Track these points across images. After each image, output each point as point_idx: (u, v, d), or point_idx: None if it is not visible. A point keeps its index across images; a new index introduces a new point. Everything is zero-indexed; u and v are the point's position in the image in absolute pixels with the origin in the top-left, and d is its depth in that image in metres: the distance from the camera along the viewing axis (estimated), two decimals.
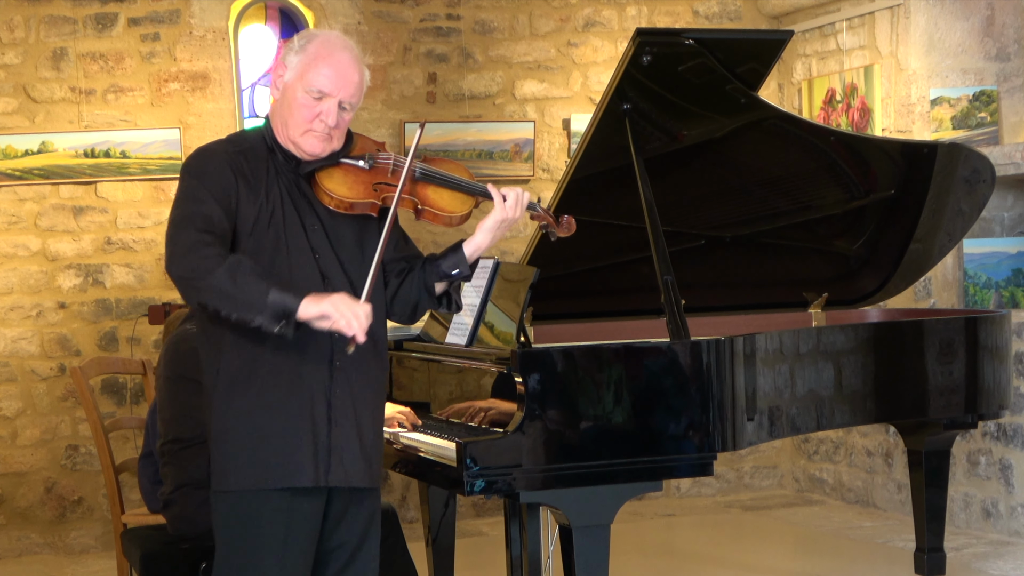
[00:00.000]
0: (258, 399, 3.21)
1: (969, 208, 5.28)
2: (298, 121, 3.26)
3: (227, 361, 3.23)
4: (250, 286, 3.07)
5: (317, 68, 3.25)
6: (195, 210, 3.17)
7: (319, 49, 3.28)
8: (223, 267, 3.07)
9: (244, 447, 3.21)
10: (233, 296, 3.07)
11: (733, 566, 6.17)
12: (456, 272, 3.36)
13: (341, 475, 3.24)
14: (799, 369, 4.34)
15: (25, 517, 6.91)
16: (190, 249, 3.10)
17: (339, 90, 3.26)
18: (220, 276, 3.07)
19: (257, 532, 3.22)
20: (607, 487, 3.74)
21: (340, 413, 3.24)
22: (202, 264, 3.08)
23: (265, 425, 3.20)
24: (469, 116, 7.45)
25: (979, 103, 6.81)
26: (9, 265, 6.90)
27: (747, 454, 7.76)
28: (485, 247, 3.39)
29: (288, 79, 3.29)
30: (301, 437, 3.21)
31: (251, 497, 3.21)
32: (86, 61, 6.93)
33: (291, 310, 3.07)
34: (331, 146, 3.30)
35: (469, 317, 4.05)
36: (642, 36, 4.16)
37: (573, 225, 3.56)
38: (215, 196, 3.19)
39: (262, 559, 3.22)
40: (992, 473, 6.44)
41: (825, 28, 7.48)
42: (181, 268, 3.12)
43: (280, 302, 3.07)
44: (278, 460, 3.20)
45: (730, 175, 4.95)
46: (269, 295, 3.06)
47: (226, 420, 3.23)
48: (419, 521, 6.60)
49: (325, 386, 3.23)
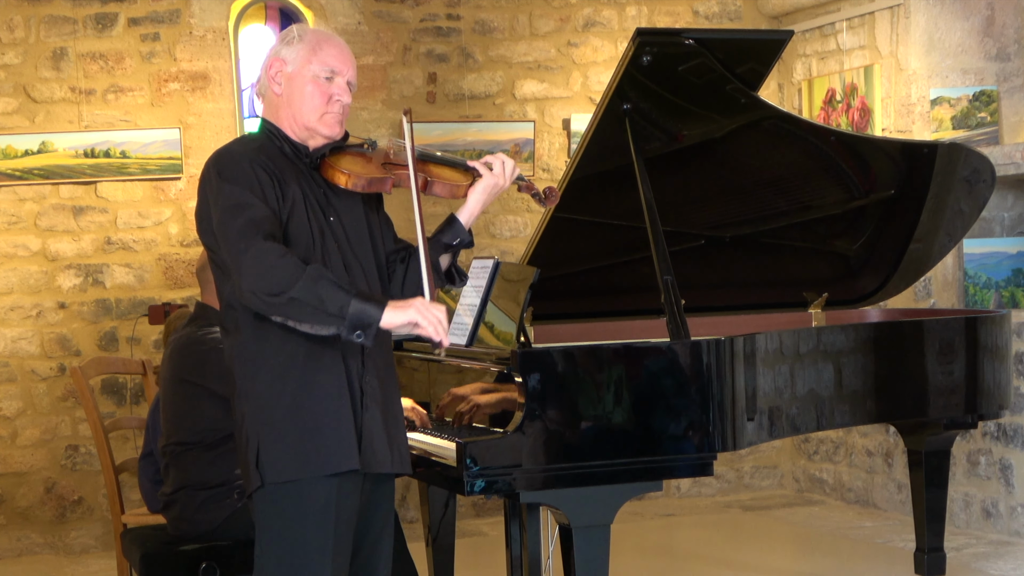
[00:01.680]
0: (302, 387, 3.21)
1: (969, 208, 5.28)
2: (314, 106, 3.29)
3: (272, 354, 3.22)
4: (333, 298, 3.06)
5: (324, 49, 3.30)
6: (250, 217, 3.12)
7: (317, 36, 3.34)
8: (303, 280, 3.05)
9: (294, 437, 3.20)
10: (316, 309, 3.06)
11: (733, 566, 6.17)
12: (458, 241, 3.41)
13: (372, 461, 3.26)
14: (799, 369, 4.34)
15: (25, 517, 6.91)
16: (264, 263, 3.06)
17: (347, 68, 3.33)
18: (302, 290, 3.04)
19: (306, 522, 3.22)
20: (607, 487, 3.74)
21: (370, 399, 3.27)
22: (283, 278, 3.05)
23: (312, 414, 3.21)
24: (469, 116, 7.45)
25: (979, 103, 6.81)
26: (9, 265, 6.90)
27: (747, 454, 7.76)
28: (478, 212, 3.42)
29: (292, 70, 3.30)
30: (344, 423, 3.22)
31: (302, 486, 3.21)
32: (86, 61, 6.93)
33: (374, 320, 3.07)
34: (342, 130, 3.35)
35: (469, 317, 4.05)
36: (642, 36, 4.17)
37: (557, 195, 3.62)
38: (258, 196, 3.17)
39: (311, 549, 3.22)
40: (992, 473, 6.44)
41: (825, 28, 7.48)
42: (261, 285, 3.06)
43: (361, 313, 3.07)
44: (327, 447, 3.21)
45: (730, 175, 4.95)
46: (351, 306, 3.06)
47: (273, 412, 3.22)
48: (419, 521, 6.61)
49: (358, 373, 3.26)
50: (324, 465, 3.20)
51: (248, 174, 3.20)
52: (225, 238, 3.14)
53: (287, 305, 3.07)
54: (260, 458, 3.22)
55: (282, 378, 3.22)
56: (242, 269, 3.08)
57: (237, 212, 3.13)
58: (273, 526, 3.25)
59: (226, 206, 3.16)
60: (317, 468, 3.20)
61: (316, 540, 3.23)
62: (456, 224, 3.40)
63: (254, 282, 3.07)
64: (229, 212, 3.15)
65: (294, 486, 3.22)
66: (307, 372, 3.22)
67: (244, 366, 3.26)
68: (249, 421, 3.25)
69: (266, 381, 3.23)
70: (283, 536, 3.24)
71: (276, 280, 3.06)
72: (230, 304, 3.27)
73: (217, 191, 3.20)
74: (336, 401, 3.22)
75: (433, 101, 7.41)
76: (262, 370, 3.23)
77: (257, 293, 3.07)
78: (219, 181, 3.21)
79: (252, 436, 3.24)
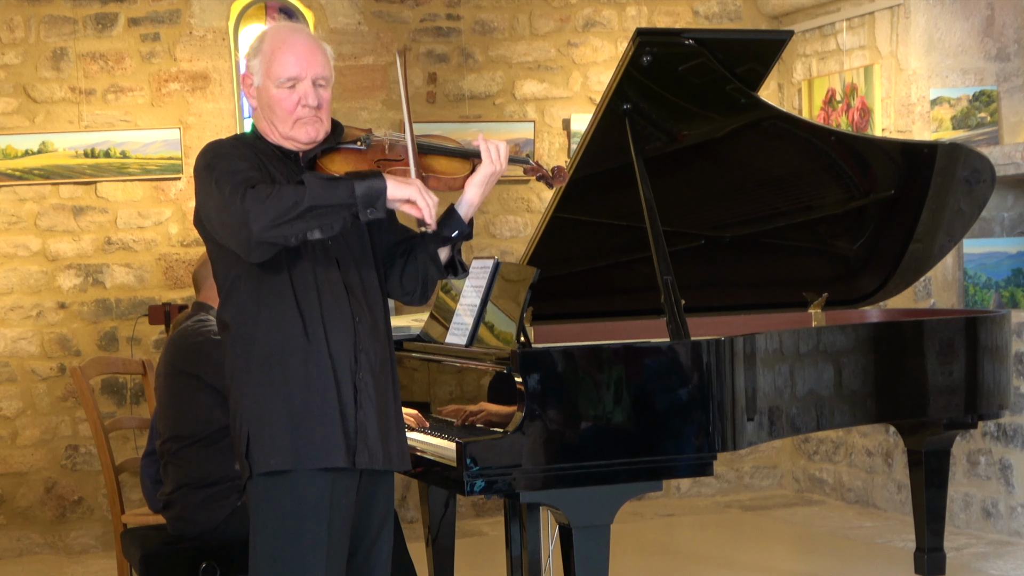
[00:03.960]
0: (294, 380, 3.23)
1: (969, 208, 5.28)
2: (283, 115, 3.29)
3: (261, 343, 3.24)
4: (338, 190, 3.11)
5: (278, 59, 3.28)
6: (242, 178, 3.15)
7: (272, 43, 3.31)
8: (307, 190, 3.08)
9: (284, 429, 3.22)
10: (331, 206, 3.09)
11: (733, 566, 6.17)
12: (456, 233, 3.39)
13: (366, 457, 3.27)
14: (799, 369, 4.34)
15: (25, 517, 6.91)
16: (265, 197, 3.08)
17: (306, 70, 3.28)
18: (312, 197, 3.07)
19: (301, 516, 3.23)
20: (607, 487, 3.74)
21: (364, 396, 3.27)
22: (289, 198, 3.08)
23: (304, 407, 3.22)
24: (469, 116, 7.45)
25: (979, 103, 6.81)
26: (9, 265, 6.90)
27: (747, 454, 7.76)
28: (477, 203, 3.40)
29: (258, 83, 3.32)
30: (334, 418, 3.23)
31: (295, 480, 3.22)
32: (86, 61, 6.93)
33: (382, 191, 3.13)
34: (324, 128, 3.33)
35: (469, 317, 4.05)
36: (642, 36, 4.17)
37: (566, 174, 3.57)
38: (247, 163, 3.20)
39: (306, 544, 3.23)
40: (992, 473, 6.44)
41: (825, 28, 7.48)
42: (273, 215, 3.07)
43: (369, 189, 3.12)
44: (316, 441, 3.22)
45: (730, 175, 4.95)
46: (356, 188, 3.11)
47: (262, 402, 3.23)
48: (419, 521, 6.61)
49: (352, 370, 3.26)
50: (312, 459, 3.21)
51: (233, 152, 3.25)
52: (223, 203, 3.15)
53: (304, 217, 3.08)
54: (250, 447, 3.24)
55: (274, 370, 3.23)
56: (249, 213, 3.08)
57: (229, 176, 3.17)
58: (267, 519, 3.26)
59: (217, 176, 3.18)
60: (306, 461, 3.21)
61: (311, 535, 3.23)
62: (455, 216, 3.39)
63: (267, 215, 3.08)
64: (221, 179, 3.17)
65: (285, 480, 3.22)
66: (300, 366, 3.23)
67: (238, 358, 3.28)
68: (242, 411, 3.27)
69: (258, 372, 3.24)
70: (277, 530, 3.25)
71: (286, 202, 3.08)
72: (227, 295, 3.29)
73: (207, 169, 3.23)
74: (326, 396, 3.23)
75: (433, 101, 7.41)
76: (255, 361, 3.25)
77: (274, 223, 3.08)
78: (207, 161, 3.25)
79: (243, 426, 3.26)
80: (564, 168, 3.57)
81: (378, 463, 3.30)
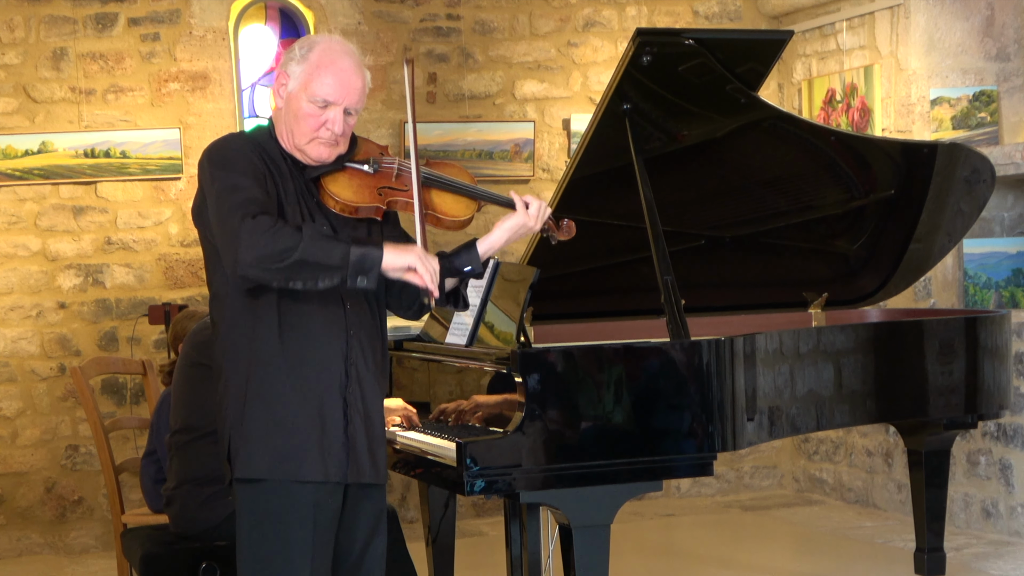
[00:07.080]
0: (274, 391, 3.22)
1: (969, 208, 5.28)
2: (304, 130, 3.27)
3: (244, 350, 3.23)
4: (333, 250, 3.09)
5: (320, 77, 3.26)
6: (244, 196, 3.13)
7: (321, 58, 3.28)
8: (304, 241, 3.07)
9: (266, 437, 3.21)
10: (320, 264, 3.08)
11: (733, 566, 6.17)
12: (468, 269, 3.38)
13: (354, 471, 3.27)
14: (799, 369, 4.34)
15: (25, 517, 6.91)
16: (262, 233, 3.06)
17: (343, 98, 3.28)
18: (305, 250, 3.07)
19: (286, 521, 3.23)
20: (607, 487, 3.74)
21: (353, 409, 3.28)
22: (285, 243, 3.06)
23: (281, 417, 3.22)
24: (469, 116, 7.45)
25: (979, 103, 6.81)
26: (9, 265, 6.90)
27: (747, 454, 7.76)
28: (499, 247, 3.42)
29: (292, 89, 3.29)
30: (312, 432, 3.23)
31: (280, 488, 3.22)
32: (86, 61, 6.93)
33: (376, 262, 3.11)
34: (337, 151, 3.32)
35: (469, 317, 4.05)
36: (642, 36, 4.16)
37: (573, 229, 3.58)
38: (252, 180, 3.18)
39: (292, 548, 3.23)
40: (992, 473, 6.44)
41: (825, 28, 7.48)
42: (264, 254, 3.07)
43: (363, 257, 3.11)
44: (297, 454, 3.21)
45: (730, 175, 4.95)
46: (351, 253, 3.09)
47: (247, 409, 3.23)
48: (419, 521, 6.61)
49: (341, 383, 3.26)
50: (286, 471, 3.21)
51: (242, 161, 3.22)
52: (219, 218, 3.14)
53: (292, 267, 3.08)
54: (231, 452, 3.25)
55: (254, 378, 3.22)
56: (240, 242, 3.08)
57: (230, 193, 3.14)
58: (251, 523, 3.27)
59: (220, 189, 3.17)
60: (279, 472, 3.21)
61: (295, 538, 3.23)
62: (473, 252, 3.38)
63: (256, 252, 3.07)
64: (222, 194, 3.16)
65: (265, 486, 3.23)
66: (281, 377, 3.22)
67: (225, 359, 3.28)
68: (224, 414, 3.27)
69: (244, 376, 3.24)
70: (261, 533, 3.26)
71: (278, 246, 3.07)
72: (217, 294, 3.29)
73: (211, 177, 3.21)
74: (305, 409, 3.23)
75: (433, 101, 7.42)
76: (241, 365, 3.24)
77: (261, 261, 3.07)
78: (212, 168, 3.22)
79: (226, 428, 3.26)
80: (572, 223, 3.58)
81: (366, 476, 3.30)
